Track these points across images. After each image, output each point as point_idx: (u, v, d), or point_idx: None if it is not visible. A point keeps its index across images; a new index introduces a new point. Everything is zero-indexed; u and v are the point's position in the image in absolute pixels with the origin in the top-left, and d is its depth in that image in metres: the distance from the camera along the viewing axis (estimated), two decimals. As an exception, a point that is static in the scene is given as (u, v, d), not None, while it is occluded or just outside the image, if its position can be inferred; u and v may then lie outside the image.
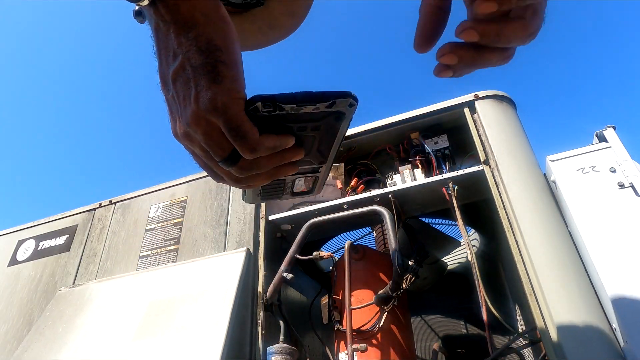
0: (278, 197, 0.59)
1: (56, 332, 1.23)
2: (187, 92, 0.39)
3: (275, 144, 0.41)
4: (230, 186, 0.55)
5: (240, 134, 0.38)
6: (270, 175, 0.45)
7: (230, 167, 0.42)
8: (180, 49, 0.39)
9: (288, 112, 0.40)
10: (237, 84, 0.39)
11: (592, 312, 0.86)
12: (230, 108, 0.38)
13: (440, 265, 1.58)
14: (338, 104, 0.41)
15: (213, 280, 1.13)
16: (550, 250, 0.95)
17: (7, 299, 1.55)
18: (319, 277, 1.58)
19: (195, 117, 0.39)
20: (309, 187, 0.58)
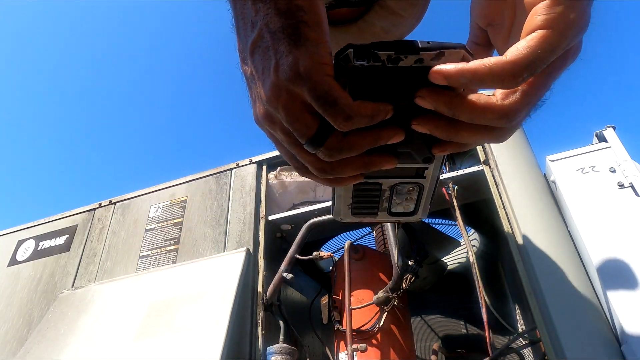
0: (373, 215, 0.49)
1: (58, 333, 1.23)
2: (267, 63, 0.34)
3: (372, 111, 0.33)
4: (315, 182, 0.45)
5: (329, 100, 0.32)
6: (363, 164, 0.37)
7: (316, 148, 0.35)
8: (257, 15, 0.35)
9: (385, 65, 0.32)
10: (322, 47, 0.33)
11: (592, 312, 0.86)
12: (315, 72, 0.32)
13: (440, 265, 1.58)
14: (447, 55, 0.32)
15: (213, 280, 1.14)
16: (550, 250, 0.95)
17: (6, 299, 1.55)
18: (319, 277, 1.58)
19: (275, 89, 0.34)
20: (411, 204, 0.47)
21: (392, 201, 0.46)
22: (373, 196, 0.46)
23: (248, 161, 1.45)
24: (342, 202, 0.47)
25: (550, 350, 0.85)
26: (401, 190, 0.45)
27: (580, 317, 0.85)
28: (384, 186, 0.44)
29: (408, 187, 0.44)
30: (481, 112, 0.32)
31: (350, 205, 0.47)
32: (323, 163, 0.36)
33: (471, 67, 0.31)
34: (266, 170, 1.42)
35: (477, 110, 0.32)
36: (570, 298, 0.88)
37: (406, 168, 0.42)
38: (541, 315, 0.88)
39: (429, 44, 0.32)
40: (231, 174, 1.45)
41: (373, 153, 0.37)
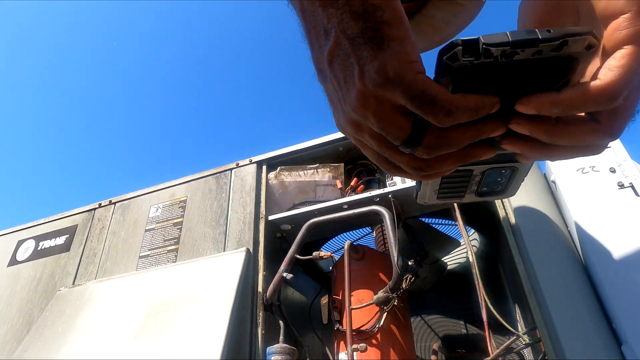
0: (460, 197, 0.46)
1: (56, 332, 1.23)
2: (349, 72, 0.32)
3: (476, 104, 0.31)
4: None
5: (427, 99, 0.30)
6: (461, 157, 0.35)
7: (413, 149, 0.33)
8: (331, 22, 0.32)
9: (497, 60, 0.29)
10: (408, 44, 0.31)
11: (592, 312, 0.86)
12: (406, 73, 0.30)
13: (440, 265, 1.58)
14: (571, 44, 0.28)
15: (213, 280, 1.13)
16: (550, 250, 0.95)
17: (6, 299, 1.55)
18: (319, 277, 1.58)
19: (362, 98, 0.32)
20: (501, 184, 0.44)
21: (482, 183, 0.44)
22: (463, 181, 0.43)
23: (248, 161, 1.45)
24: (429, 187, 0.44)
25: (550, 350, 0.85)
26: (493, 174, 0.43)
27: (580, 317, 0.85)
28: (476, 172, 0.42)
29: (501, 171, 0.42)
30: (582, 138, 0.31)
31: (437, 190, 0.44)
32: (419, 162, 0.34)
33: (565, 97, 0.29)
34: (266, 170, 1.42)
35: (578, 137, 0.31)
36: (570, 298, 0.88)
37: (502, 154, 0.39)
38: (541, 315, 0.88)
39: (549, 32, 0.28)
40: (231, 174, 1.45)
41: (471, 145, 0.34)
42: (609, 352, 0.81)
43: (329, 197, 1.32)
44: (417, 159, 0.34)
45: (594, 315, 0.86)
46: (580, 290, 0.89)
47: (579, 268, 0.93)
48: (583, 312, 0.86)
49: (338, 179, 1.36)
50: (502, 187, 0.45)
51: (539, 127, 0.31)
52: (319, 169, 1.37)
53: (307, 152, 1.43)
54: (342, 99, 0.34)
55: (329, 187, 1.36)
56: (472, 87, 0.31)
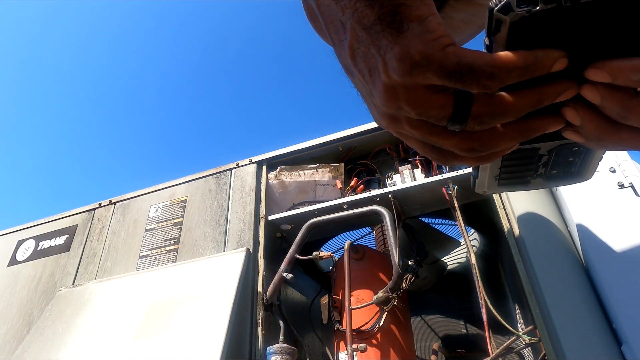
0: (525, 184, 0.39)
1: (56, 332, 1.23)
2: (373, 64, 0.30)
3: (525, 61, 0.26)
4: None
5: (464, 70, 0.26)
6: (521, 131, 0.29)
7: (463, 123, 0.29)
8: (345, 15, 0.30)
9: (560, 5, 0.23)
10: (431, 22, 0.28)
11: (592, 312, 0.86)
12: (434, 51, 0.27)
13: (440, 265, 1.58)
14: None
15: (213, 280, 1.13)
16: (550, 250, 0.95)
17: (6, 299, 1.55)
18: (319, 277, 1.58)
19: (390, 90, 0.29)
20: (575, 165, 0.36)
21: (551, 166, 0.37)
22: (528, 163, 0.36)
23: (248, 161, 1.45)
24: (487, 173, 0.38)
25: (550, 350, 0.85)
26: (564, 153, 0.35)
27: (580, 317, 0.85)
28: (542, 150, 0.35)
29: (574, 149, 0.34)
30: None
31: (498, 176, 0.38)
32: (471, 141, 0.30)
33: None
34: (266, 170, 1.42)
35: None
36: (570, 298, 0.88)
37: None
38: (541, 315, 0.88)
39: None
40: (231, 173, 1.45)
41: (532, 116, 0.29)
42: (609, 352, 0.81)
43: (329, 197, 1.32)
44: (468, 138, 0.30)
45: (594, 315, 0.86)
46: (580, 290, 0.89)
47: (578, 268, 0.93)
48: (583, 312, 0.86)
49: (338, 179, 1.36)
50: (575, 168, 0.37)
51: (614, 96, 0.26)
52: (319, 169, 1.37)
53: (307, 152, 1.43)
54: (371, 94, 0.32)
55: (329, 187, 1.36)
56: (533, 46, 0.26)
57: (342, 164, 1.39)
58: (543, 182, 0.39)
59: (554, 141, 0.34)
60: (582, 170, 0.37)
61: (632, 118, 0.26)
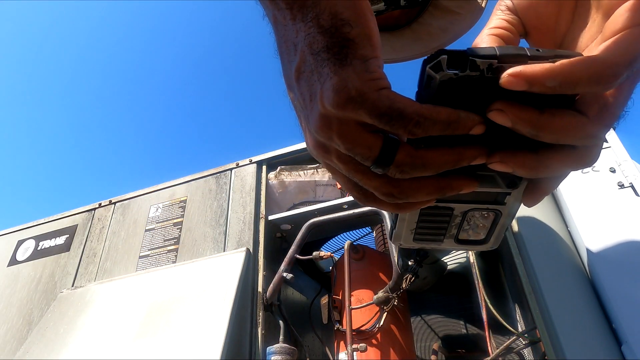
0: (438, 242, 0.42)
1: (57, 333, 1.23)
2: (313, 90, 0.30)
3: (448, 117, 0.28)
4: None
5: (394, 114, 0.28)
6: (438, 187, 0.31)
7: (385, 167, 0.30)
8: (299, 37, 0.31)
9: (483, 75, 0.27)
10: (372, 62, 0.29)
11: (592, 312, 0.86)
12: (369, 91, 0.28)
13: (440, 265, 1.58)
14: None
15: (213, 280, 1.13)
16: (550, 250, 0.95)
17: (6, 299, 1.55)
18: (319, 277, 1.58)
19: (325, 119, 0.30)
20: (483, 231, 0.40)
21: (462, 228, 0.40)
22: (442, 222, 0.39)
23: (248, 161, 1.45)
24: (405, 226, 0.40)
25: (550, 350, 0.85)
26: (474, 217, 0.39)
27: (580, 317, 0.85)
28: (456, 211, 0.38)
29: (483, 213, 0.38)
30: (569, 131, 0.28)
31: (414, 230, 0.40)
32: (391, 187, 0.31)
33: (564, 66, 0.26)
34: (266, 170, 1.42)
35: (565, 130, 0.27)
36: (570, 298, 0.88)
37: (485, 192, 0.35)
38: (541, 315, 0.88)
39: (539, 51, 0.27)
40: (231, 173, 1.45)
41: (450, 175, 0.31)
42: (609, 352, 0.81)
43: (329, 197, 1.32)
44: (390, 183, 0.31)
45: (594, 315, 0.86)
46: (580, 291, 0.89)
47: (578, 268, 0.93)
48: (583, 312, 0.86)
49: (338, 179, 1.36)
50: (483, 235, 0.41)
51: (523, 116, 0.27)
52: (319, 168, 1.37)
53: (307, 152, 1.43)
54: (307, 119, 0.32)
55: (329, 187, 1.36)
56: (455, 104, 0.28)
57: (342, 164, 1.38)
58: (454, 244, 0.42)
59: (467, 204, 0.37)
60: (488, 238, 0.41)
61: (543, 135, 0.28)
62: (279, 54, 0.35)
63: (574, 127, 0.27)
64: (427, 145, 0.30)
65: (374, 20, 0.31)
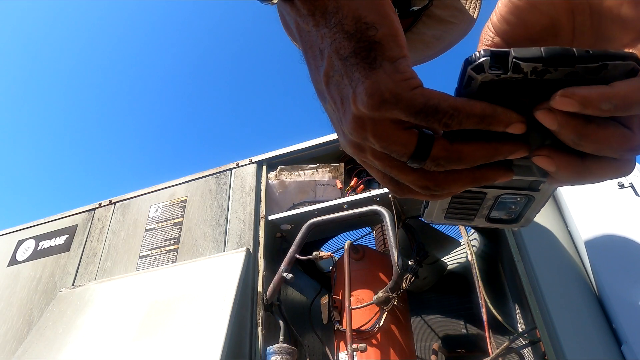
0: (469, 220, 0.43)
1: (57, 332, 1.23)
2: (345, 94, 0.31)
3: (483, 111, 0.28)
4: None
5: (430, 111, 0.28)
6: (474, 178, 0.32)
7: (422, 162, 0.31)
8: (324, 42, 0.31)
9: (526, 77, 0.26)
10: (402, 63, 0.29)
11: (592, 312, 0.86)
12: (403, 92, 0.28)
13: (440, 265, 1.58)
14: (611, 68, 0.25)
15: (213, 280, 1.13)
16: (550, 250, 0.95)
17: (6, 299, 1.55)
18: (319, 277, 1.58)
19: (358, 121, 0.31)
20: (515, 212, 0.41)
21: (493, 208, 0.41)
22: (474, 204, 0.40)
23: (248, 161, 1.45)
24: (437, 205, 0.41)
25: (550, 350, 0.85)
26: (507, 200, 0.39)
27: (580, 317, 0.85)
28: (489, 195, 0.39)
29: (517, 198, 0.39)
30: (612, 143, 0.27)
31: (446, 209, 0.41)
32: (427, 180, 0.32)
33: (619, 90, 0.25)
34: (266, 170, 1.42)
35: (609, 141, 0.27)
36: (570, 298, 0.88)
37: (520, 180, 0.36)
38: (541, 315, 0.88)
39: (588, 53, 0.25)
40: (231, 173, 1.45)
41: (485, 166, 0.31)
42: (609, 352, 0.81)
43: (329, 197, 1.32)
44: (426, 176, 0.32)
45: (594, 315, 0.86)
46: (580, 290, 0.89)
47: (578, 268, 0.93)
48: (583, 312, 0.86)
49: (338, 179, 1.36)
50: (514, 215, 0.42)
51: (570, 123, 0.27)
52: (319, 168, 1.37)
53: (307, 152, 1.43)
54: (340, 121, 0.33)
55: (329, 187, 1.36)
56: (496, 101, 0.28)
57: (342, 164, 1.39)
58: (484, 222, 0.43)
59: (500, 189, 0.38)
60: (519, 218, 0.42)
61: (585, 145, 0.28)
62: (305, 59, 0.35)
63: (618, 139, 0.27)
64: (463, 139, 0.30)
65: (398, 19, 0.31)
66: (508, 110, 0.28)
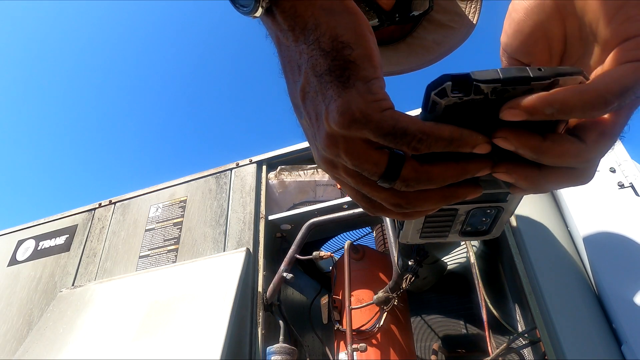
0: (443, 237, 0.45)
1: (57, 332, 1.23)
2: (319, 110, 0.32)
3: (451, 135, 0.29)
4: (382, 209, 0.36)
5: (399, 133, 0.29)
6: (444, 196, 0.33)
7: (392, 182, 0.31)
8: (302, 58, 0.32)
9: (487, 97, 0.28)
10: (375, 83, 0.30)
11: (592, 312, 0.86)
12: (373, 112, 0.29)
13: (440, 265, 1.58)
14: (562, 83, 0.28)
15: (213, 280, 1.13)
16: (550, 250, 0.95)
17: (6, 299, 1.55)
18: (319, 277, 1.58)
19: (331, 139, 0.31)
20: (486, 224, 0.43)
21: (466, 223, 0.43)
22: (447, 221, 0.42)
23: (248, 161, 1.45)
24: (411, 226, 0.43)
25: (550, 350, 0.85)
26: (478, 214, 0.41)
27: (580, 317, 0.85)
28: (461, 211, 0.40)
29: (486, 211, 0.41)
30: (568, 157, 0.29)
31: (420, 229, 0.43)
32: (399, 198, 0.33)
33: (558, 95, 0.27)
34: (266, 170, 1.42)
35: (564, 155, 0.29)
36: (570, 298, 0.88)
37: (488, 193, 0.37)
38: (541, 315, 0.88)
39: (540, 71, 0.28)
40: (231, 173, 1.45)
41: (454, 184, 0.32)
42: (609, 352, 0.81)
43: (329, 197, 1.32)
44: (397, 195, 0.32)
45: (594, 315, 0.86)
46: (580, 290, 0.89)
47: (578, 268, 0.93)
48: (583, 312, 0.86)
49: (338, 179, 1.36)
50: (486, 227, 0.43)
51: (526, 142, 0.29)
52: (318, 168, 1.37)
53: (307, 152, 1.43)
54: (315, 137, 0.34)
55: (329, 187, 1.36)
56: (460, 124, 0.29)
57: (342, 164, 1.38)
58: (458, 237, 0.45)
59: (471, 204, 0.40)
60: (491, 229, 0.44)
61: (544, 159, 0.29)
62: (284, 73, 0.36)
63: (573, 153, 0.29)
64: (432, 160, 0.31)
65: (374, 40, 0.32)
66: (474, 133, 0.29)
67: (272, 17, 0.34)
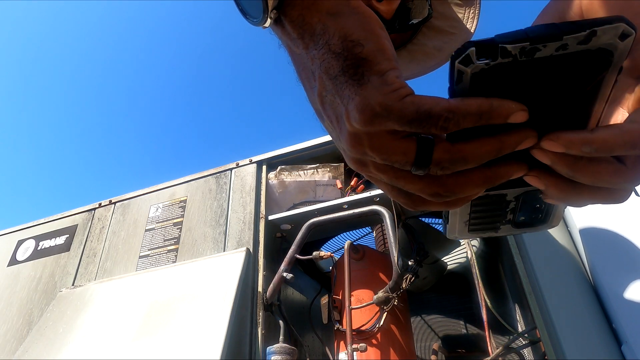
0: (495, 230, 0.40)
1: (57, 332, 1.23)
2: (338, 112, 0.31)
3: (479, 108, 0.27)
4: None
5: (423, 116, 0.27)
6: (485, 177, 0.30)
7: (426, 168, 0.30)
8: (314, 64, 0.32)
9: (516, 59, 0.25)
10: (390, 75, 0.29)
11: (592, 312, 0.86)
12: (393, 102, 0.28)
13: (440, 265, 1.58)
14: (600, 34, 0.24)
15: (213, 280, 1.13)
16: (550, 250, 0.95)
17: (6, 299, 1.55)
18: (319, 277, 1.58)
19: (355, 137, 0.31)
20: (542, 211, 0.38)
21: (518, 212, 0.38)
22: (496, 209, 0.38)
23: (248, 161, 1.45)
24: (457, 219, 0.39)
25: (550, 350, 0.85)
26: (530, 199, 0.37)
27: (580, 317, 0.85)
28: (509, 197, 0.36)
29: (539, 195, 0.35)
30: (604, 177, 0.28)
31: (468, 221, 0.39)
32: (436, 186, 0.31)
33: (599, 136, 0.26)
34: (266, 170, 1.42)
35: (601, 176, 0.28)
36: (570, 298, 0.88)
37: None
38: (541, 315, 0.88)
39: (574, 24, 0.25)
40: (231, 173, 1.45)
41: (496, 163, 0.30)
42: (609, 352, 0.81)
43: (329, 197, 1.32)
44: (434, 182, 0.31)
45: (594, 315, 0.86)
46: (580, 290, 0.89)
47: (578, 268, 0.93)
48: (583, 312, 0.86)
49: (338, 179, 1.36)
50: (542, 215, 0.38)
51: (561, 160, 0.28)
52: (318, 168, 1.37)
53: (307, 152, 1.43)
54: (339, 139, 0.33)
55: (329, 187, 1.36)
56: (494, 94, 0.27)
57: (342, 164, 1.39)
58: (511, 229, 0.40)
59: (520, 187, 0.35)
60: (548, 217, 0.39)
61: (579, 177, 0.29)
62: (300, 80, 0.36)
63: (610, 173, 0.28)
64: (466, 138, 0.29)
65: (386, 34, 0.31)
66: (505, 101, 0.27)
67: (282, 26, 0.34)
